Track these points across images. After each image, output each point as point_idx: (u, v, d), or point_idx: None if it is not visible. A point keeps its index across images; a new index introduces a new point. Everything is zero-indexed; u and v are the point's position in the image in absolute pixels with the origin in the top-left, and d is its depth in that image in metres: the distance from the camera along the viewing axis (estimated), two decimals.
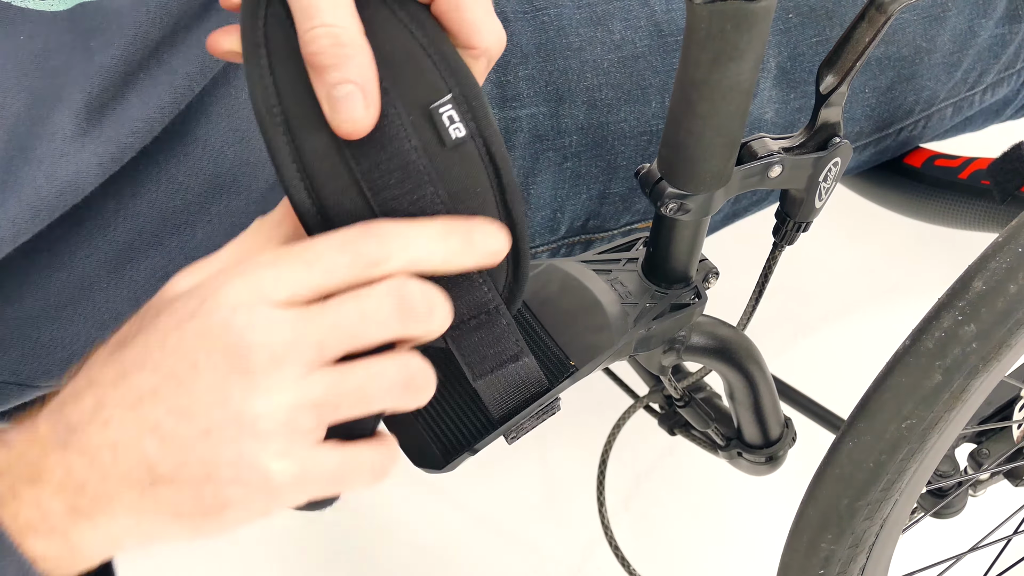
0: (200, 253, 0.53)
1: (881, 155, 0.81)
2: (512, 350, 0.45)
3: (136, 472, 0.38)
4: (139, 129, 0.48)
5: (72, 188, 0.47)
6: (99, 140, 0.47)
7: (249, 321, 0.37)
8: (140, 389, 0.38)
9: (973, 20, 0.77)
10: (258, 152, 0.54)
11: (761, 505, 1.16)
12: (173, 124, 0.51)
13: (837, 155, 0.57)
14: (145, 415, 0.38)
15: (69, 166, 0.47)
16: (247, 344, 0.37)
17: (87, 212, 0.50)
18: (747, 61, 0.48)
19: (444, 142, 0.42)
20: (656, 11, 0.69)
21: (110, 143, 0.48)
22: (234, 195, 0.53)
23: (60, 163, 0.46)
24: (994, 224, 0.79)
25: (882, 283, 1.35)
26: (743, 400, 0.74)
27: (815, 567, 0.62)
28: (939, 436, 0.56)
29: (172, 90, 0.49)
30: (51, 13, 0.48)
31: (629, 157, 0.69)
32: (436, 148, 0.42)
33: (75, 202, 0.47)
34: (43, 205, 0.46)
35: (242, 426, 0.37)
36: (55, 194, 0.46)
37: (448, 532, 1.16)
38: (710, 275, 0.62)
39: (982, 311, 0.53)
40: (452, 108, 0.42)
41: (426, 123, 0.42)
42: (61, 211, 0.47)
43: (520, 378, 0.47)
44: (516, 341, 0.45)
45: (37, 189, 0.46)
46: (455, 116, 0.42)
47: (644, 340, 0.60)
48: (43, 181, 0.46)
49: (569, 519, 1.17)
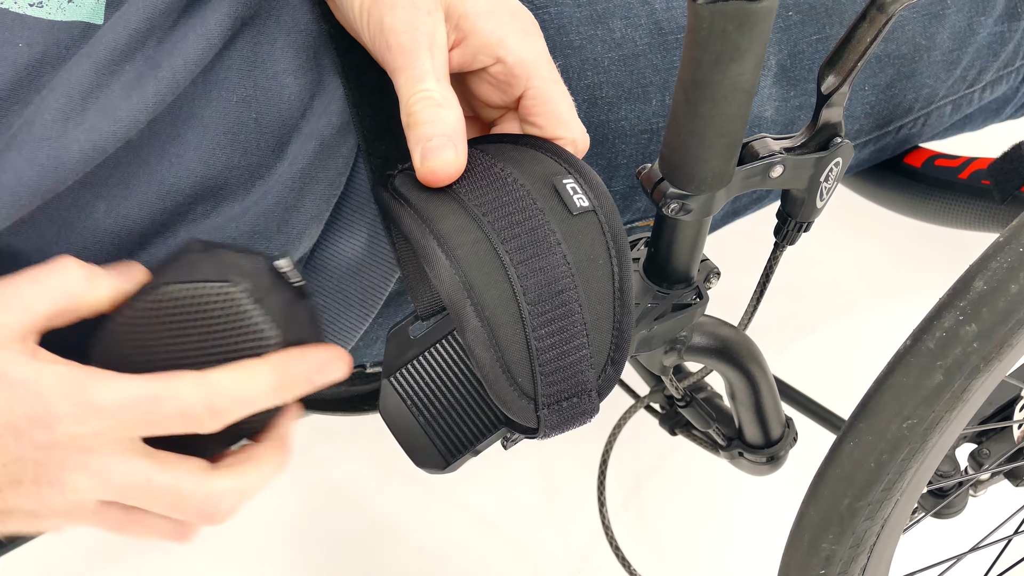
0: None
1: (881, 153, 0.81)
2: (588, 411, 0.46)
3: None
4: (122, 120, 0.48)
5: (53, 173, 0.47)
6: (81, 127, 0.47)
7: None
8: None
9: (972, 18, 0.77)
10: (249, 155, 0.54)
11: (762, 505, 1.16)
12: (164, 126, 0.51)
13: (839, 155, 0.57)
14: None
15: (50, 151, 0.47)
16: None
17: (77, 214, 0.50)
18: (749, 61, 0.48)
19: (570, 210, 0.43)
20: (656, 9, 0.69)
21: (92, 131, 0.48)
22: (221, 197, 0.53)
23: (41, 147, 0.47)
24: (994, 224, 0.79)
25: (883, 283, 1.35)
26: (744, 400, 0.74)
27: (816, 567, 0.62)
28: (940, 436, 0.56)
29: (156, 84, 0.49)
30: (49, 22, 0.48)
31: (629, 155, 0.69)
32: (563, 215, 0.43)
33: (57, 189, 0.47)
34: (24, 190, 0.46)
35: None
36: (36, 178, 0.46)
37: (448, 532, 1.16)
38: (711, 275, 0.62)
39: (983, 311, 0.53)
40: (574, 181, 0.44)
41: (552, 194, 0.44)
42: (41, 198, 0.47)
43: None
44: (595, 408, 0.46)
45: (18, 173, 0.46)
46: (578, 188, 0.44)
47: (646, 340, 0.60)
48: (24, 165, 0.46)
49: (569, 519, 1.17)
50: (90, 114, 0.48)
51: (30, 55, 0.48)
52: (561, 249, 0.43)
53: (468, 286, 0.42)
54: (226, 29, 0.52)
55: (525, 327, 0.43)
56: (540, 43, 0.45)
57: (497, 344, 0.42)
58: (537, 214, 0.43)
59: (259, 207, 0.55)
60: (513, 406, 0.44)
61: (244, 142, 0.53)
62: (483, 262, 0.43)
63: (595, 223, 0.43)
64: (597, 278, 0.44)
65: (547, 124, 0.44)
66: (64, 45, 0.49)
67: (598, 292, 0.44)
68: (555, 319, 0.43)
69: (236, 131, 0.53)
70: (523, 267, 0.43)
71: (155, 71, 0.50)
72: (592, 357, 0.44)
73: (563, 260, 0.43)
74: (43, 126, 0.47)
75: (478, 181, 0.45)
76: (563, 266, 0.43)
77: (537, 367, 0.43)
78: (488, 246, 0.43)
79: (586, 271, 0.43)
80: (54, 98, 0.47)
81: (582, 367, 0.44)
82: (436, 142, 0.43)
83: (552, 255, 0.43)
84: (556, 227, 0.43)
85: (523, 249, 0.43)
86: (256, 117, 0.54)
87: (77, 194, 0.49)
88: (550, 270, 0.43)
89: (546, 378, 0.43)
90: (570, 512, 1.17)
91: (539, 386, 0.43)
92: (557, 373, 0.44)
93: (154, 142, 0.51)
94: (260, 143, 0.54)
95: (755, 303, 0.71)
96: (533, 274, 0.43)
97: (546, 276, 0.43)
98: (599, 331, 0.44)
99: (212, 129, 0.52)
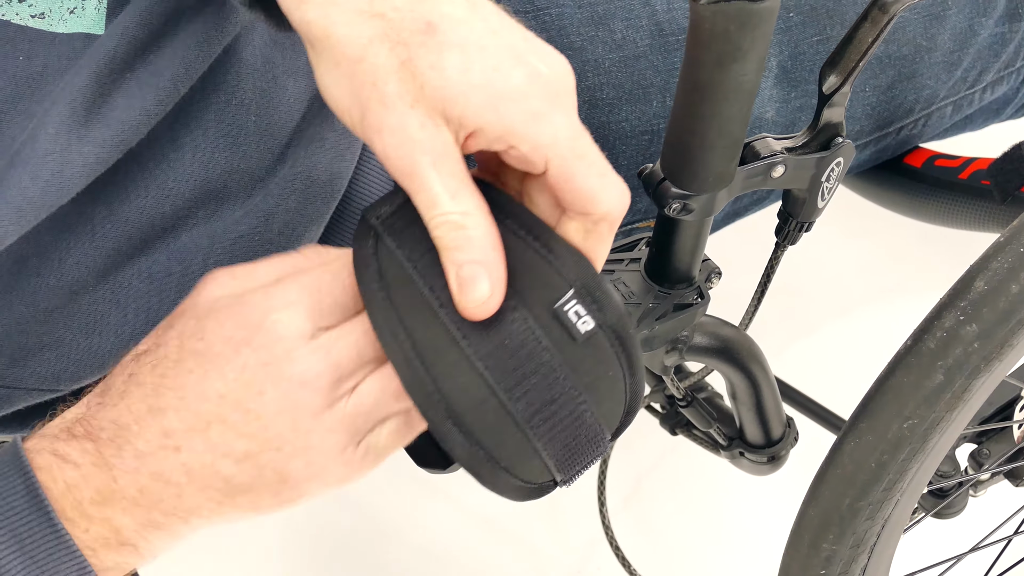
0: (185, 256, 0.53)
1: (881, 154, 0.81)
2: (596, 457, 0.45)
3: (213, 487, 0.41)
4: (124, 131, 0.48)
5: (57, 188, 0.47)
6: (85, 140, 0.47)
7: (309, 352, 0.41)
8: (206, 416, 0.40)
9: (973, 19, 0.77)
10: (248, 158, 0.53)
11: (762, 505, 1.16)
12: (163, 130, 0.51)
13: (840, 155, 0.57)
14: (215, 440, 0.41)
15: (54, 165, 0.46)
16: (313, 374, 0.40)
17: (77, 219, 0.50)
18: (750, 62, 0.48)
19: (575, 338, 0.42)
20: (657, 10, 0.69)
21: (95, 143, 0.47)
22: (222, 200, 0.53)
23: (45, 162, 0.46)
24: (994, 224, 0.79)
25: (883, 283, 1.35)
26: (745, 400, 0.74)
27: (816, 567, 0.62)
28: (940, 436, 0.56)
29: (157, 92, 0.49)
30: (51, 34, 0.48)
31: (630, 157, 0.69)
32: (568, 344, 0.42)
33: (60, 203, 0.47)
34: (28, 206, 0.46)
35: (310, 441, 0.41)
36: (40, 194, 0.46)
37: (448, 532, 1.16)
38: (713, 275, 0.62)
39: (984, 311, 0.53)
40: (577, 303, 0.42)
41: (554, 322, 0.42)
42: (46, 212, 0.47)
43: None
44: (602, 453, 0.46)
45: (23, 190, 0.46)
46: (581, 311, 0.42)
47: (647, 340, 0.60)
48: (29, 181, 0.46)
49: (569, 519, 1.17)
50: (93, 126, 0.48)
51: (31, 68, 0.48)
52: (569, 384, 0.42)
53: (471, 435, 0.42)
54: (227, 35, 0.52)
55: (543, 460, 0.43)
56: (556, 118, 0.40)
57: (517, 477, 0.43)
58: (542, 352, 0.42)
59: (260, 210, 0.54)
60: (537, 495, 0.45)
61: (243, 145, 0.53)
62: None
63: (602, 343, 0.42)
64: (608, 388, 0.43)
65: (574, 203, 0.42)
66: (66, 57, 0.49)
67: (610, 395, 0.44)
68: (573, 444, 0.43)
69: (235, 134, 0.53)
70: (526, 406, 0.42)
71: (156, 79, 0.49)
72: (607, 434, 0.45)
73: (572, 388, 0.42)
74: (47, 140, 0.46)
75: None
76: (573, 393, 0.42)
77: (556, 472, 0.43)
78: (497, 402, 0.42)
79: (597, 388, 0.43)
80: (56, 111, 0.47)
81: (598, 447, 0.44)
82: (467, 271, 0.40)
83: (558, 387, 0.42)
84: (562, 360, 0.42)
85: (526, 392, 0.42)
86: (255, 120, 0.53)
87: (76, 200, 0.49)
88: (556, 400, 0.42)
89: (563, 473, 0.43)
90: (570, 512, 1.17)
91: (557, 476, 0.44)
92: (574, 464, 0.44)
93: (153, 147, 0.51)
94: (260, 146, 0.54)
95: (756, 303, 0.71)
96: (545, 421, 0.42)
97: (554, 407, 0.42)
98: (612, 415, 0.44)
99: (211, 133, 0.52)
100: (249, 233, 0.54)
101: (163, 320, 0.43)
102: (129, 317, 0.52)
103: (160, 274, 0.52)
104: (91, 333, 0.52)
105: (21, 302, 0.50)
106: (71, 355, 0.52)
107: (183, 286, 0.53)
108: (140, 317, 0.52)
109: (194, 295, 0.43)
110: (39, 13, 0.48)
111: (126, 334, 0.52)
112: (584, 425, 0.43)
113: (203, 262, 0.53)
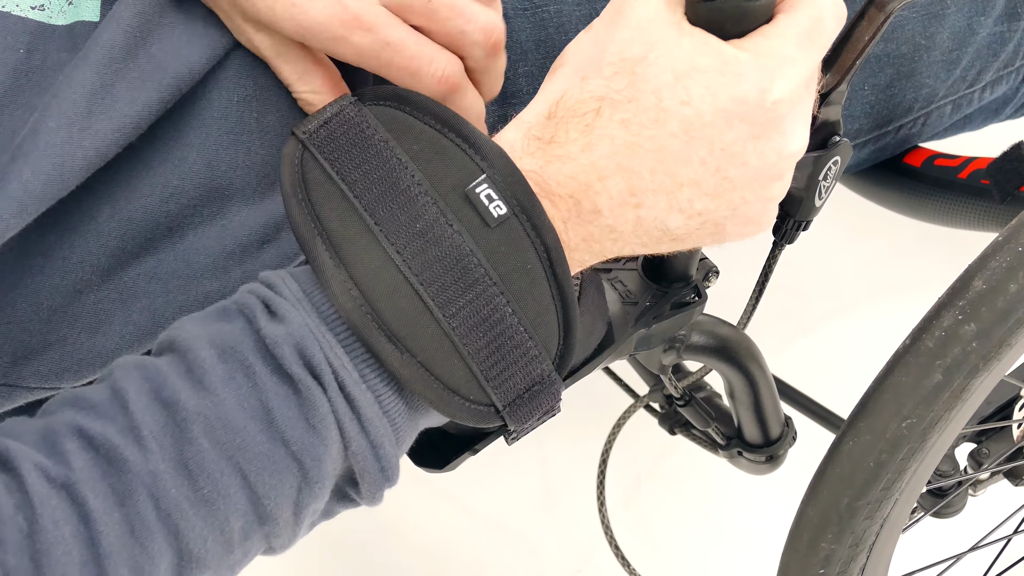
0: (190, 254, 0.52)
1: (880, 153, 0.81)
2: (551, 407, 0.45)
3: (650, 235, 0.44)
4: (125, 125, 0.48)
5: (58, 181, 0.47)
6: (86, 132, 0.47)
7: (803, 128, 0.44)
8: (680, 179, 0.42)
9: (972, 18, 0.77)
10: (253, 155, 0.53)
11: (761, 505, 1.16)
12: (167, 128, 0.51)
13: (837, 153, 0.57)
14: (679, 200, 0.43)
15: (55, 159, 0.46)
16: (798, 147, 0.44)
17: (80, 217, 0.50)
18: None
19: (488, 223, 0.41)
20: None
21: (96, 137, 0.47)
22: (227, 198, 0.53)
23: (47, 155, 0.46)
24: (994, 224, 0.79)
25: (882, 282, 1.35)
26: (743, 399, 0.74)
27: (815, 567, 0.62)
28: (939, 435, 0.56)
29: (159, 87, 0.49)
30: (51, 27, 0.48)
31: None
32: (480, 229, 0.41)
33: (61, 195, 0.47)
34: (30, 199, 0.46)
35: (766, 206, 0.45)
36: (42, 187, 0.46)
37: (448, 532, 1.16)
38: (710, 274, 0.62)
39: (982, 310, 0.53)
40: (489, 187, 0.41)
41: (466, 205, 0.41)
42: (47, 205, 0.47)
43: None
44: (558, 401, 0.45)
45: (24, 183, 0.46)
46: (493, 195, 0.41)
47: (644, 339, 0.60)
48: (30, 175, 0.46)
49: (569, 519, 1.17)
50: (95, 118, 0.48)
51: (31, 61, 0.48)
52: (486, 273, 0.41)
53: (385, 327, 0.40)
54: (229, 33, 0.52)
55: (466, 361, 0.41)
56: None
57: (437, 379, 0.41)
58: (454, 236, 0.41)
59: (267, 207, 0.54)
60: (476, 418, 0.43)
61: (247, 142, 0.53)
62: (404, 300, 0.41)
63: (516, 228, 0.41)
64: (524, 285, 0.42)
65: (444, 25, 0.43)
66: (66, 49, 0.49)
67: (535, 296, 0.42)
68: (496, 347, 0.42)
69: (238, 131, 0.53)
70: (450, 307, 0.41)
71: (160, 73, 0.49)
72: (539, 350, 0.43)
73: (485, 275, 0.41)
74: (48, 133, 0.46)
75: (389, 198, 0.42)
76: (492, 287, 0.41)
77: (486, 383, 0.42)
78: (410, 290, 0.40)
79: (513, 281, 0.41)
80: (57, 104, 0.47)
81: (532, 365, 0.43)
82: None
83: (478, 285, 0.41)
84: (476, 247, 0.41)
85: (446, 289, 0.41)
86: (258, 117, 0.53)
87: (80, 198, 0.49)
88: (472, 287, 0.41)
89: (496, 389, 0.42)
90: (570, 512, 1.17)
91: (492, 394, 0.42)
92: (506, 379, 0.42)
93: (156, 145, 0.51)
94: (264, 143, 0.54)
95: (754, 302, 0.71)
96: (461, 310, 0.41)
97: (477, 306, 0.41)
98: (544, 326, 0.42)
99: (214, 130, 0.52)
100: (259, 230, 0.54)
101: (588, 46, 0.44)
102: (134, 316, 0.52)
103: (165, 274, 0.52)
104: (95, 332, 0.52)
105: (24, 300, 0.50)
106: (74, 354, 0.52)
107: (189, 286, 0.52)
108: (145, 316, 0.52)
109: (639, 30, 0.44)
110: (39, 5, 0.48)
111: (130, 333, 0.52)
112: (505, 324, 0.41)
113: (209, 262, 0.53)
